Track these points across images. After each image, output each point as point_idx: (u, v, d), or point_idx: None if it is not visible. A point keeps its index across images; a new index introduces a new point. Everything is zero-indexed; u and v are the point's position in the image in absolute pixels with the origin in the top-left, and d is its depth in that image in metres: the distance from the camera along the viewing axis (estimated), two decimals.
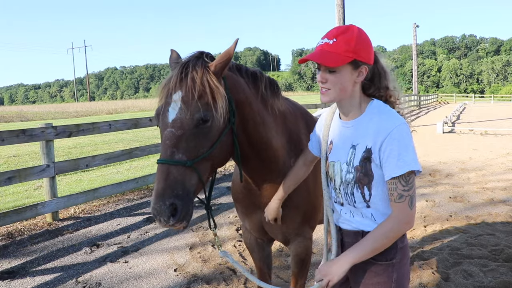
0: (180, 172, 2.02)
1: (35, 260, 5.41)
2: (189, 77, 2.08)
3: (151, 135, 19.63)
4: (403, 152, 1.88)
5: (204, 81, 2.08)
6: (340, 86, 1.97)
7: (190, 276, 4.84)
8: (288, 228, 2.79)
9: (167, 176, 1.99)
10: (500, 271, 4.52)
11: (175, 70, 2.14)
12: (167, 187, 1.98)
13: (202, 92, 2.06)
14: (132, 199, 8.39)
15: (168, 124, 2.07)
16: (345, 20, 19.62)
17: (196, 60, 2.15)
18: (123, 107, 54.55)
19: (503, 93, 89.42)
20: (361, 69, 1.99)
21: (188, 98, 2.05)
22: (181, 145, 2.04)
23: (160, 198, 1.95)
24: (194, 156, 2.07)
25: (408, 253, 2.13)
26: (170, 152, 2.02)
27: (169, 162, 2.01)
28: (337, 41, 1.94)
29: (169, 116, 2.08)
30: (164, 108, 2.11)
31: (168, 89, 2.12)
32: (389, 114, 2.00)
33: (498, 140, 16.33)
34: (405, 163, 1.87)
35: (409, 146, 1.90)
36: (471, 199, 7.63)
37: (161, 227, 2.04)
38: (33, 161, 13.22)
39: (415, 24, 49.08)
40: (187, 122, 2.04)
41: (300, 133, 2.78)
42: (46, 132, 6.76)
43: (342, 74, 1.96)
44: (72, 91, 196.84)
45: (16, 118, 40.66)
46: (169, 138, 2.04)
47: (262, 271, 3.18)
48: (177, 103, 2.07)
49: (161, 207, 1.94)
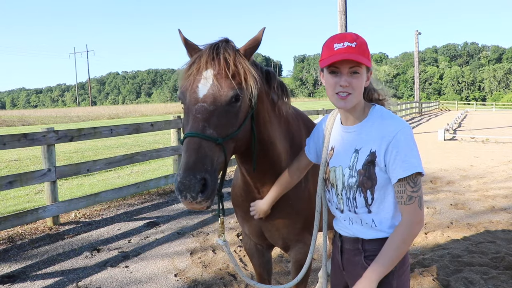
0: (210, 148, 1.98)
1: (35, 264, 5.41)
2: (221, 57, 2.09)
3: (152, 140, 19.65)
4: (409, 154, 1.90)
5: (236, 62, 2.11)
6: (360, 90, 1.99)
7: (190, 281, 4.83)
8: (289, 234, 2.78)
9: (198, 150, 1.94)
10: (501, 279, 4.51)
11: (205, 51, 2.15)
12: (198, 161, 1.92)
13: (235, 71, 2.08)
14: (133, 204, 8.39)
15: (199, 99, 2.05)
16: (347, 26, 19.67)
17: (226, 43, 2.18)
18: (124, 112, 54.60)
19: (504, 101, 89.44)
20: (370, 73, 2.06)
21: (222, 76, 2.07)
22: (212, 120, 2.02)
23: (191, 172, 1.88)
24: (224, 134, 2.06)
25: (408, 260, 2.12)
26: (201, 126, 1.99)
27: (200, 136, 1.97)
28: (358, 44, 1.96)
29: (200, 92, 2.07)
30: (194, 84, 2.10)
31: (199, 66, 2.11)
32: (393, 118, 2.02)
33: (500, 147, 16.32)
34: (412, 165, 1.89)
35: (414, 148, 1.92)
36: (472, 207, 7.62)
37: (186, 205, 1.92)
38: (34, 165, 13.24)
39: (417, 31, 49.20)
40: (219, 99, 2.04)
41: (302, 139, 2.78)
42: (48, 136, 6.78)
43: (362, 77, 1.99)
44: (73, 95, 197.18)
45: (18, 122, 40.72)
46: (200, 112, 2.02)
47: (262, 277, 3.17)
48: (208, 80, 2.07)
49: (191, 181, 1.86)
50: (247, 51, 2.22)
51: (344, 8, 19.56)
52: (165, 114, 48.50)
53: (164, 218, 7.40)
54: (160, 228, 6.85)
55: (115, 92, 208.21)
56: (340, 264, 2.23)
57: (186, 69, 2.18)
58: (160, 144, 17.74)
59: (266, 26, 2.36)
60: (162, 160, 13.63)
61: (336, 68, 1.96)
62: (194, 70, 2.12)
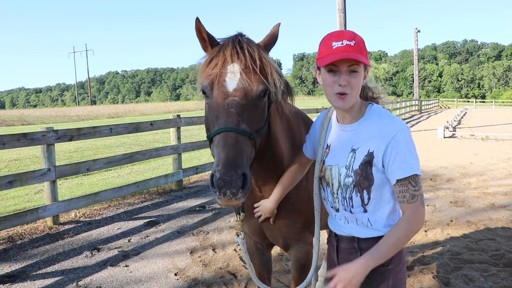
0: (246, 143, 1.96)
1: (35, 264, 5.42)
2: (246, 51, 2.08)
3: (152, 139, 19.65)
4: (408, 155, 1.90)
5: (261, 56, 2.11)
6: (358, 89, 1.98)
7: (190, 280, 4.83)
8: (289, 233, 2.77)
9: (236, 144, 1.91)
10: (500, 276, 4.52)
11: (227, 44, 2.12)
12: (238, 156, 1.88)
13: (261, 66, 2.08)
14: (133, 203, 8.39)
15: (229, 93, 2.03)
16: (346, 24, 19.66)
17: (246, 37, 2.17)
18: (124, 111, 54.59)
19: (504, 98, 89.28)
20: (366, 72, 2.03)
21: (249, 70, 2.06)
22: (245, 115, 2.00)
23: (232, 167, 1.83)
24: (255, 129, 2.05)
25: (404, 259, 2.12)
26: (236, 120, 1.96)
27: (237, 131, 1.94)
28: (356, 43, 1.93)
29: (229, 86, 2.04)
30: (220, 77, 2.07)
31: (224, 60, 2.08)
32: (391, 118, 2.01)
33: (499, 145, 16.32)
34: (410, 166, 1.89)
35: (412, 150, 1.92)
36: (472, 204, 7.62)
37: (224, 201, 1.84)
38: (34, 165, 13.24)
39: (417, 29, 49.15)
40: (251, 93, 2.04)
41: (302, 138, 2.77)
42: (47, 136, 6.77)
43: (361, 76, 1.97)
44: (73, 95, 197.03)
45: (17, 122, 40.71)
46: (234, 106, 1.99)
47: (262, 276, 3.15)
48: (236, 74, 2.05)
49: (233, 177, 1.81)
50: (266, 46, 2.23)
51: (343, 6, 19.55)
52: (165, 113, 48.51)
53: (164, 217, 7.40)
54: (160, 227, 6.86)
55: (114, 91, 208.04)
56: (336, 263, 2.22)
57: (206, 62, 2.15)
58: (159, 143, 17.73)
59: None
60: (162, 159, 13.63)
61: (335, 66, 1.93)
62: (218, 63, 2.09)
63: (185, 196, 8.97)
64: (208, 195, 8.89)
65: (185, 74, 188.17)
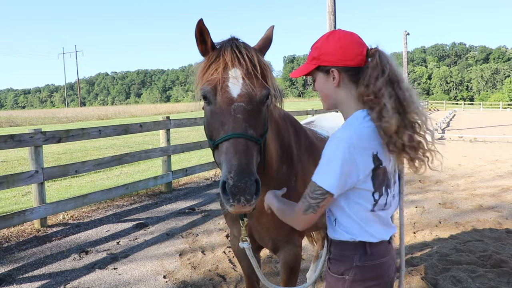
0: (255, 149, 1.97)
1: (22, 267, 5.36)
2: (245, 56, 2.08)
3: (141, 141, 19.55)
4: (321, 163, 1.87)
5: (260, 61, 2.12)
6: (321, 93, 2.03)
7: (179, 282, 4.81)
8: (278, 235, 2.76)
9: (247, 151, 1.90)
10: (488, 277, 4.55)
11: (225, 49, 2.11)
12: (250, 162, 1.88)
13: (261, 71, 2.10)
14: (121, 205, 8.34)
15: (234, 99, 2.02)
16: (336, 27, 19.72)
17: (242, 42, 2.17)
18: (114, 113, 54.23)
19: (492, 100, 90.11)
20: (332, 73, 1.97)
21: (251, 75, 2.06)
22: (251, 120, 2.00)
23: (246, 174, 1.82)
24: (260, 134, 2.05)
25: (377, 275, 1.97)
26: (244, 126, 1.96)
27: (246, 137, 1.94)
28: (311, 51, 2.02)
29: (232, 91, 2.04)
30: (223, 83, 2.06)
31: (225, 65, 2.07)
32: (341, 127, 1.93)
33: (487, 147, 16.47)
34: (316, 173, 1.87)
35: (325, 160, 1.85)
36: (460, 206, 7.68)
37: (237, 209, 1.83)
38: (22, 166, 13.10)
39: (406, 32, 49.45)
40: (255, 98, 2.05)
41: (291, 140, 2.77)
42: (35, 137, 6.71)
43: (318, 81, 2.03)
44: (62, 96, 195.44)
45: (5, 123, 40.27)
46: (240, 112, 1.99)
47: (251, 279, 3.15)
48: (238, 79, 2.05)
49: (247, 183, 1.81)
50: (262, 50, 2.24)
51: (333, 9, 19.61)
52: (155, 115, 48.29)
53: (153, 219, 7.37)
54: (149, 229, 6.82)
55: (104, 92, 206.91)
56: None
57: (205, 67, 2.14)
58: (149, 145, 17.65)
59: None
60: (151, 161, 13.56)
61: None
62: (219, 68, 2.08)
63: (175, 198, 8.93)
64: (198, 197, 8.86)
65: (176, 76, 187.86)
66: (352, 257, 1.94)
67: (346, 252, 1.96)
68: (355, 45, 1.96)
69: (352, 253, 1.94)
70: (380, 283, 1.97)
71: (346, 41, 1.95)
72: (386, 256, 1.97)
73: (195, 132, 22.89)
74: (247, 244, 2.47)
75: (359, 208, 1.90)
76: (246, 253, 2.52)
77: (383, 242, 1.97)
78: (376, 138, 1.86)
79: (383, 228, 1.98)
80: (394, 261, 2.05)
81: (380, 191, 1.90)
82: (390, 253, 2.01)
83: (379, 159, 1.86)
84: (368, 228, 1.92)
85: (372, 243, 1.93)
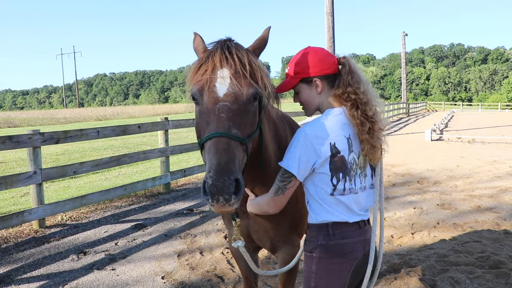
0: (238, 148, 1.95)
1: (20, 268, 5.35)
2: (235, 56, 2.07)
3: (139, 142, 19.56)
4: (288, 150, 2.23)
5: (251, 61, 2.10)
6: (305, 102, 2.41)
7: (177, 283, 4.81)
8: (276, 236, 2.77)
9: (228, 150, 1.89)
10: (486, 278, 4.56)
11: (215, 50, 2.11)
12: (230, 162, 1.86)
13: (250, 71, 2.07)
14: (120, 206, 8.33)
15: (220, 98, 2.02)
16: (334, 28, 19.75)
17: (235, 42, 2.17)
18: (112, 114, 54.29)
19: (490, 101, 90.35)
20: (315, 82, 2.33)
21: (239, 75, 2.05)
22: (236, 120, 1.99)
23: (224, 173, 1.81)
24: (247, 134, 2.04)
25: (341, 254, 2.25)
26: (227, 125, 1.95)
27: (228, 136, 1.93)
28: (290, 68, 2.37)
29: (219, 91, 2.03)
30: (211, 83, 2.06)
31: (213, 65, 2.07)
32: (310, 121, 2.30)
33: (485, 147, 16.49)
34: (283, 158, 2.23)
35: (291, 147, 2.21)
36: (458, 207, 7.68)
37: (217, 208, 1.85)
38: (20, 167, 13.10)
39: (404, 33, 49.54)
40: (241, 97, 2.03)
41: (288, 141, 2.76)
42: (33, 138, 6.70)
43: (302, 92, 2.39)
44: (61, 97, 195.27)
45: (4, 124, 40.28)
46: (224, 111, 1.98)
47: (249, 280, 3.14)
48: (225, 79, 2.04)
49: (225, 182, 1.79)
50: (256, 51, 2.24)
51: (331, 9, 19.64)
52: (153, 116, 48.30)
53: (152, 220, 7.36)
54: (147, 230, 6.82)
55: (102, 93, 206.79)
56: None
57: (195, 68, 2.14)
58: (147, 146, 17.65)
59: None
60: (149, 162, 13.56)
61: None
62: (208, 69, 2.08)
63: (173, 199, 8.93)
64: (196, 198, 8.86)
65: (174, 77, 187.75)
66: (318, 237, 2.27)
67: (313, 233, 2.30)
68: (329, 56, 2.35)
69: (317, 233, 2.27)
70: (345, 262, 2.25)
71: (322, 54, 2.34)
72: (350, 238, 2.25)
73: (193, 133, 22.81)
74: (240, 242, 2.47)
75: (321, 192, 2.23)
76: (240, 251, 2.53)
77: (346, 224, 2.25)
78: (337, 130, 2.21)
79: (348, 212, 2.25)
80: (365, 245, 2.30)
81: (337, 177, 2.20)
82: (357, 236, 2.27)
83: (336, 148, 2.18)
84: (329, 208, 2.24)
85: (335, 223, 2.23)
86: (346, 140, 2.21)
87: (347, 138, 2.21)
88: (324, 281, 2.24)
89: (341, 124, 2.22)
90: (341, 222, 2.23)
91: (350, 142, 2.22)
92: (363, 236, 2.28)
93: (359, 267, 2.27)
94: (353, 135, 2.23)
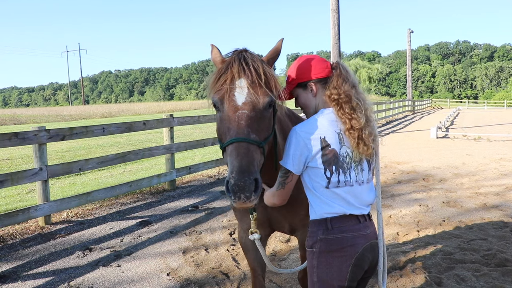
0: (256, 151, 2.18)
1: (26, 264, 5.38)
2: (251, 67, 2.29)
3: (145, 139, 19.59)
4: (285, 150, 2.42)
5: (265, 71, 2.32)
6: (303, 105, 2.63)
7: (183, 280, 4.82)
8: (294, 220, 2.99)
9: (247, 153, 2.12)
10: (492, 276, 4.54)
11: (233, 61, 2.33)
12: (250, 164, 2.09)
13: (265, 80, 2.29)
14: (125, 203, 8.35)
15: (239, 107, 2.24)
16: (340, 25, 19.69)
17: (250, 53, 2.39)
18: (117, 111, 54.34)
19: (496, 98, 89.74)
20: (310, 86, 2.55)
21: (256, 84, 2.27)
22: (254, 126, 2.22)
23: (246, 174, 2.05)
24: (263, 138, 2.28)
25: (340, 247, 2.34)
26: (246, 131, 2.18)
27: (248, 141, 2.15)
28: (287, 77, 2.62)
29: (238, 100, 2.26)
30: (230, 92, 2.28)
31: (232, 76, 2.29)
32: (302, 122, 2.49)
33: (491, 145, 16.41)
34: (283, 157, 2.41)
35: (287, 147, 2.40)
36: (464, 204, 7.65)
37: (238, 205, 2.08)
38: (26, 164, 13.16)
39: (410, 30, 49.39)
40: (258, 105, 2.26)
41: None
42: (39, 135, 6.73)
43: (300, 96, 2.62)
44: (66, 94, 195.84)
45: (10, 121, 40.42)
46: (243, 119, 2.21)
47: (256, 272, 3.23)
48: (243, 89, 2.27)
49: (246, 182, 2.03)
50: (270, 61, 2.47)
51: (336, 6, 19.58)
52: (158, 113, 48.37)
53: (157, 217, 7.38)
54: (153, 227, 6.83)
55: (108, 90, 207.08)
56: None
57: (215, 78, 2.35)
58: (152, 143, 17.68)
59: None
60: (154, 159, 13.59)
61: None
62: (227, 79, 2.29)
63: (178, 196, 8.94)
64: (201, 195, 8.87)
65: (179, 74, 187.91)
66: (317, 232, 2.39)
67: (313, 228, 2.42)
68: (321, 61, 2.58)
69: (317, 228, 2.39)
70: (345, 256, 2.34)
71: (315, 60, 2.58)
72: (349, 232, 2.35)
73: (198, 130, 22.93)
74: (256, 235, 2.71)
75: (317, 185, 2.37)
76: (256, 244, 2.77)
77: (345, 219, 2.36)
78: (327, 126, 2.37)
79: (346, 204, 2.36)
80: (365, 239, 2.38)
81: (330, 170, 2.34)
82: (357, 231, 2.37)
83: (326, 141, 2.34)
84: (326, 199, 2.36)
85: (333, 218, 2.35)
86: (336, 134, 2.37)
87: (337, 133, 2.38)
88: (325, 275, 2.35)
89: (330, 121, 2.40)
90: (340, 217, 2.36)
91: (341, 136, 2.37)
92: (363, 231, 2.39)
93: (360, 261, 2.37)
94: (344, 130, 2.40)
